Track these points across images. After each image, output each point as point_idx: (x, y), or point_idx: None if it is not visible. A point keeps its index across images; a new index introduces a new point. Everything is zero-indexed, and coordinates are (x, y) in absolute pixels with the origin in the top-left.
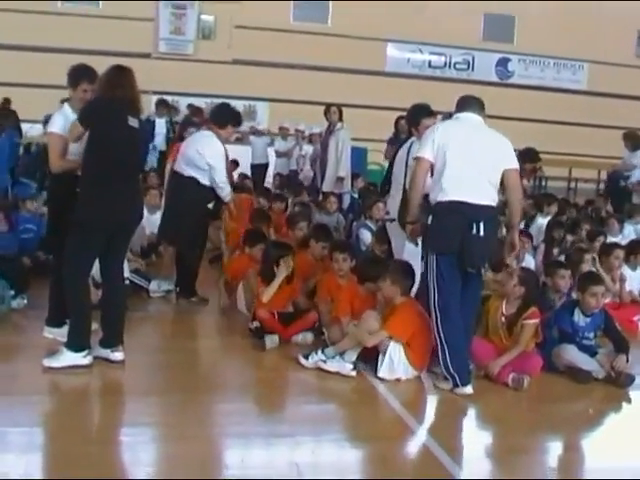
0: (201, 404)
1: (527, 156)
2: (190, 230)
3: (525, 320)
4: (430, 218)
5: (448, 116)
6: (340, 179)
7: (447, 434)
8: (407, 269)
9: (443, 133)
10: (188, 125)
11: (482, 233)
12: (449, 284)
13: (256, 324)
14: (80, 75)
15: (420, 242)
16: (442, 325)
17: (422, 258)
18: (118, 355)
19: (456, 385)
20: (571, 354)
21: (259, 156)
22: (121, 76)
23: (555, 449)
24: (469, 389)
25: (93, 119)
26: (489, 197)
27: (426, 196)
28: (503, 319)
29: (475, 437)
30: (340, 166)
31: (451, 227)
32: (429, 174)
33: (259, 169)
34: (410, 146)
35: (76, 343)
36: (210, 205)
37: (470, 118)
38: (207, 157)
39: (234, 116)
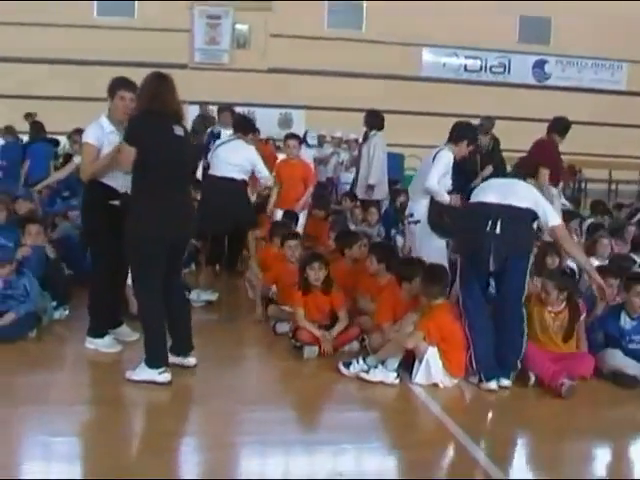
0: (241, 413)
1: (555, 128)
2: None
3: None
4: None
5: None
6: (370, 187)
7: (490, 440)
8: (437, 273)
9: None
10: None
11: (498, 231)
12: (472, 284)
13: (297, 343)
14: (116, 85)
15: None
16: (468, 323)
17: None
18: (192, 360)
19: (480, 380)
20: (616, 359)
21: None
22: (161, 85)
23: (602, 456)
24: (493, 384)
25: (141, 135)
26: (518, 202)
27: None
28: (551, 321)
29: (519, 443)
30: (371, 173)
31: (468, 226)
32: None
33: None
34: (437, 153)
35: (152, 360)
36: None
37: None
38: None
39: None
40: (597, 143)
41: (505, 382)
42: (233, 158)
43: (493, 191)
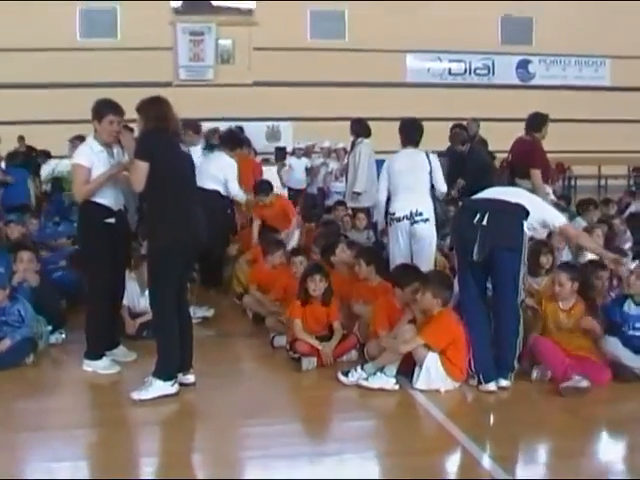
0: (243, 427)
1: (532, 125)
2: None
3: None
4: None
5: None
6: (356, 194)
7: (493, 442)
8: (446, 280)
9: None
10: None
11: (485, 222)
12: (468, 283)
13: (295, 355)
14: (105, 108)
15: None
16: (467, 323)
17: None
18: (190, 377)
19: (480, 382)
20: (614, 347)
21: (297, 180)
22: (164, 106)
23: (607, 454)
24: (492, 386)
25: (152, 151)
26: (510, 198)
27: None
28: (565, 317)
29: (524, 444)
30: (357, 181)
31: (459, 220)
32: None
33: (297, 194)
34: (427, 155)
35: (166, 373)
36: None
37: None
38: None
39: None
40: (585, 140)
41: (503, 383)
42: (208, 168)
43: (488, 192)
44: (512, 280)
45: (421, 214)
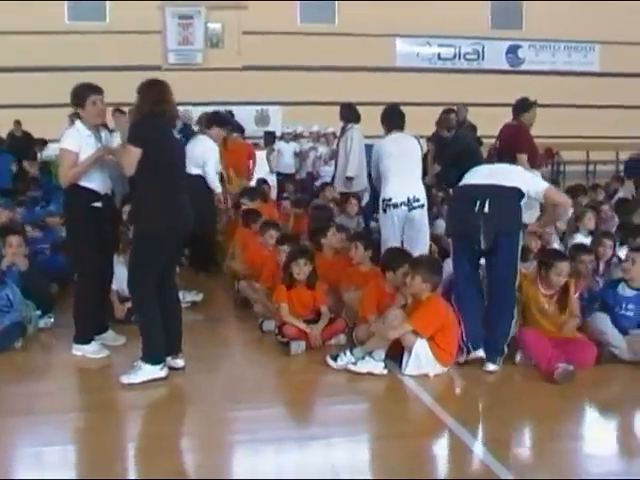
0: (232, 412)
1: (519, 110)
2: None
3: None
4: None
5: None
6: (349, 179)
7: (482, 425)
8: (436, 265)
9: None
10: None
11: (487, 210)
12: (463, 264)
13: (284, 339)
14: (84, 91)
15: None
16: (457, 301)
17: None
18: (179, 362)
19: (468, 352)
20: (603, 323)
21: (286, 164)
22: (163, 90)
23: (597, 434)
24: (480, 352)
25: (145, 136)
26: (504, 181)
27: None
28: (546, 302)
29: (512, 428)
30: (348, 166)
31: (458, 207)
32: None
33: (286, 179)
34: (417, 140)
35: (154, 356)
36: None
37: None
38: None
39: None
40: (573, 125)
41: (491, 367)
42: (192, 153)
43: (480, 174)
44: (512, 263)
45: (418, 200)
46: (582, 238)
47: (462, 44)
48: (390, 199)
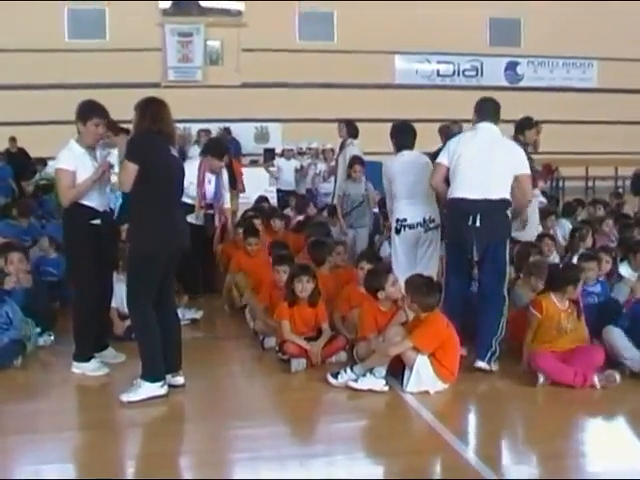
0: (232, 429)
1: (517, 127)
2: None
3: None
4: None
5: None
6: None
7: (482, 443)
8: (427, 285)
9: (459, 144)
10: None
11: (478, 224)
12: (453, 270)
13: (284, 357)
14: (90, 110)
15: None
16: (444, 304)
17: None
18: (179, 379)
19: None
20: (614, 336)
21: (287, 181)
22: (161, 108)
23: (598, 453)
24: (462, 351)
25: (143, 153)
26: (492, 193)
27: None
28: (565, 317)
29: (513, 446)
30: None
31: (454, 221)
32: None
33: (287, 196)
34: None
35: (153, 374)
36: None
37: (486, 128)
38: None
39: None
40: (572, 141)
41: (480, 364)
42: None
43: (472, 185)
44: (500, 266)
45: (433, 220)
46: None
47: (461, 61)
48: (405, 219)
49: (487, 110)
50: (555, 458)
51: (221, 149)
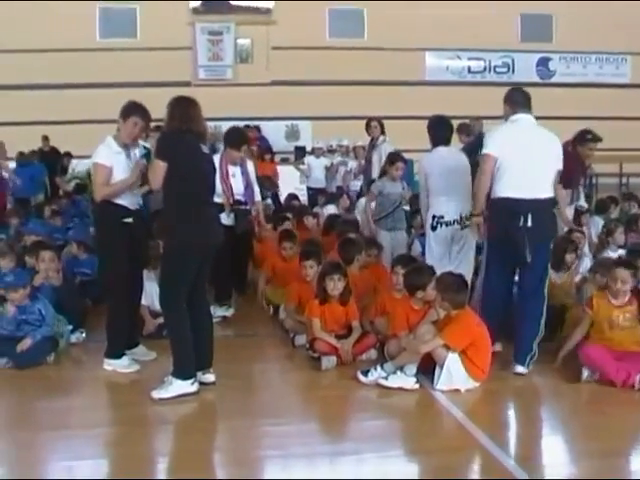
0: (263, 427)
1: (583, 139)
2: None
3: None
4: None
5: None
6: None
7: (513, 442)
8: (457, 283)
9: (503, 135)
10: None
11: (530, 224)
12: (496, 271)
13: (315, 354)
14: (133, 109)
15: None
16: (481, 304)
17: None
18: (210, 377)
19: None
20: None
21: (317, 179)
22: (191, 107)
23: (635, 453)
24: (497, 347)
25: (173, 151)
26: (540, 191)
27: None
28: (620, 313)
29: (546, 443)
30: None
31: (502, 221)
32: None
33: (317, 194)
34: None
35: (184, 372)
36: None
37: (525, 119)
38: None
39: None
40: (606, 137)
41: (520, 369)
42: None
43: (520, 185)
44: (546, 266)
45: (469, 218)
46: (611, 253)
47: (492, 57)
48: (442, 216)
49: (521, 99)
50: (589, 458)
51: (238, 138)
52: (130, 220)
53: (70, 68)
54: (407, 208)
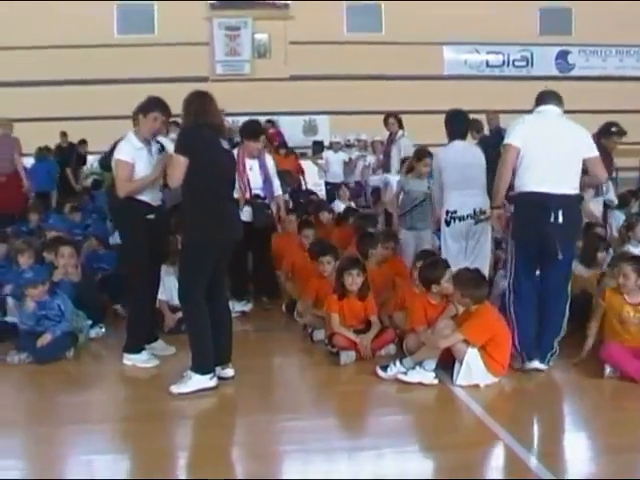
0: (282, 422)
1: (607, 132)
2: None
3: None
4: (513, 208)
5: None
6: None
7: (535, 438)
8: (475, 279)
9: (527, 125)
10: None
11: (561, 220)
12: (524, 269)
13: (334, 349)
14: (154, 104)
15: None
16: (513, 306)
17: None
18: (229, 372)
19: (523, 361)
20: None
21: (335, 174)
22: (207, 102)
23: None
24: (535, 363)
25: (193, 146)
26: (569, 186)
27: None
28: (632, 312)
29: (565, 440)
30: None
31: (530, 217)
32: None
33: (335, 189)
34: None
35: (203, 366)
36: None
37: (551, 111)
38: None
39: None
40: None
41: (540, 365)
42: None
43: (547, 179)
44: (568, 265)
45: (484, 212)
46: (632, 248)
47: (510, 51)
48: (455, 211)
49: (550, 96)
50: (610, 453)
51: (254, 129)
52: (152, 216)
53: (88, 64)
54: None
